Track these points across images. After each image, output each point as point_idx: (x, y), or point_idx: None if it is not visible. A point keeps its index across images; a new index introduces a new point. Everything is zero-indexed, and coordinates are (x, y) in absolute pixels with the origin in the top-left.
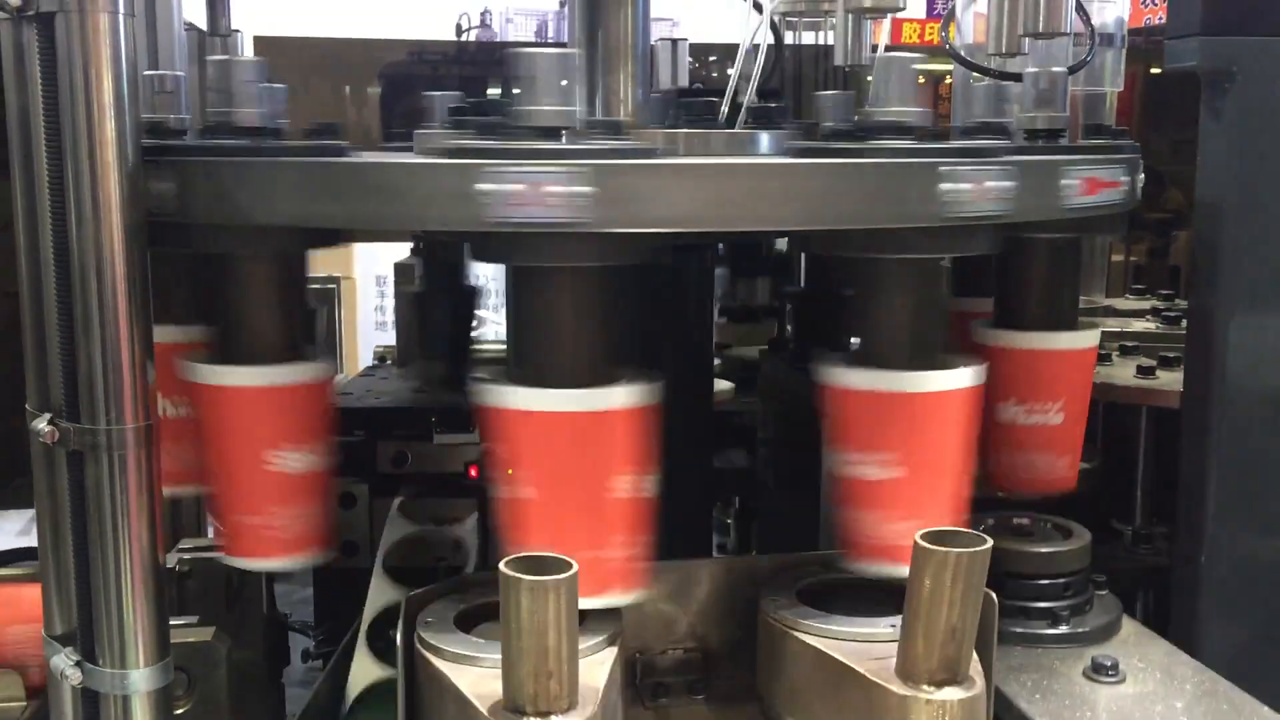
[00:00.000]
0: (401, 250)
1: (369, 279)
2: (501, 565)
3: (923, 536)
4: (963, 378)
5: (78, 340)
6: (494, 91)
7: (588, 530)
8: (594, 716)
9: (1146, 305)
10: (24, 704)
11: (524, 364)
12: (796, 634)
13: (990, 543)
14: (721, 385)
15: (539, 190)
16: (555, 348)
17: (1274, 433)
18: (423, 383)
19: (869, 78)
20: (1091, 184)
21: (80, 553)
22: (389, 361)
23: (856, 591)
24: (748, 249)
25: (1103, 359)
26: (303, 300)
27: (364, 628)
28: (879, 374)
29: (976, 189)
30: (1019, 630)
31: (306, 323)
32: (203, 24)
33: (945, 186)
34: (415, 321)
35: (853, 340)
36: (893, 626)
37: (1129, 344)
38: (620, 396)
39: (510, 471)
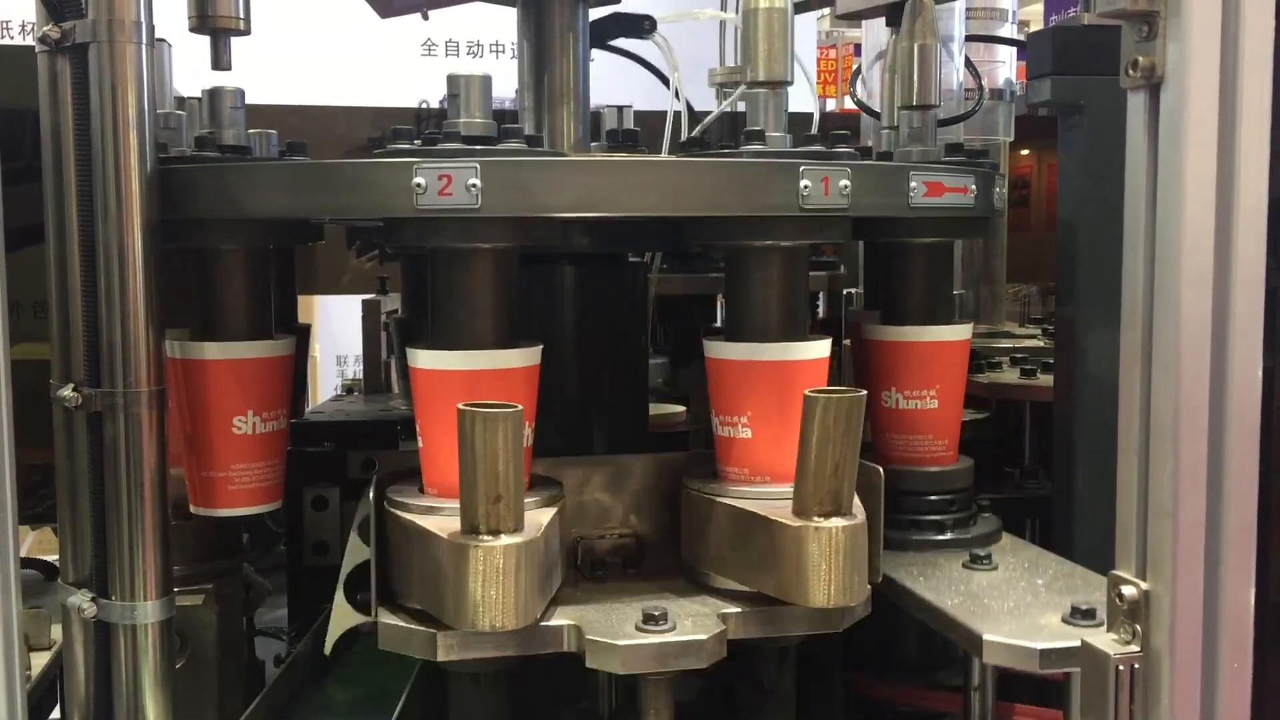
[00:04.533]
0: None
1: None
2: (460, 406)
3: (810, 392)
4: (813, 350)
5: (100, 317)
6: None
7: None
8: (536, 540)
9: (1039, 331)
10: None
11: (438, 331)
12: (714, 499)
13: (865, 393)
14: None
15: (453, 182)
16: (459, 316)
17: None
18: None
19: None
20: (936, 188)
21: (97, 502)
22: (355, 392)
23: None
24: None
25: (995, 366)
26: (267, 290)
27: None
28: (746, 346)
29: (830, 186)
30: (913, 538)
31: (271, 309)
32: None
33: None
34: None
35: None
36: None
37: (1018, 355)
38: (512, 358)
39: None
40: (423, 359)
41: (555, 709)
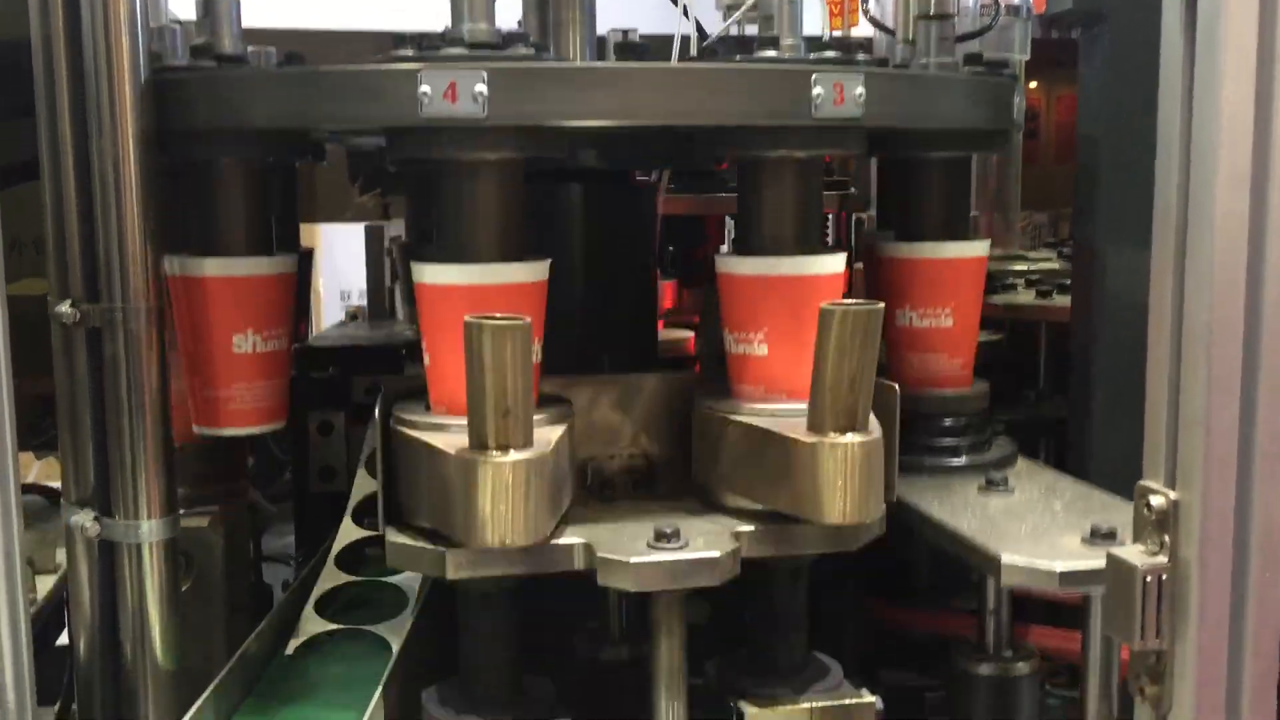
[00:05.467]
0: None
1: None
2: (467, 318)
3: (827, 304)
4: (829, 264)
5: (96, 230)
6: None
7: None
8: (546, 456)
9: (1053, 255)
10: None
11: (443, 246)
12: (727, 417)
13: (882, 305)
14: None
15: (458, 89)
16: (465, 230)
17: (1145, 340)
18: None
19: None
20: (952, 97)
21: (98, 421)
22: (359, 319)
23: None
24: None
25: (1009, 288)
26: (267, 207)
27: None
28: (760, 260)
29: (844, 94)
30: (927, 462)
31: (272, 227)
32: None
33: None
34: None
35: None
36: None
37: (1033, 277)
38: (518, 272)
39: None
40: (428, 273)
41: (564, 630)
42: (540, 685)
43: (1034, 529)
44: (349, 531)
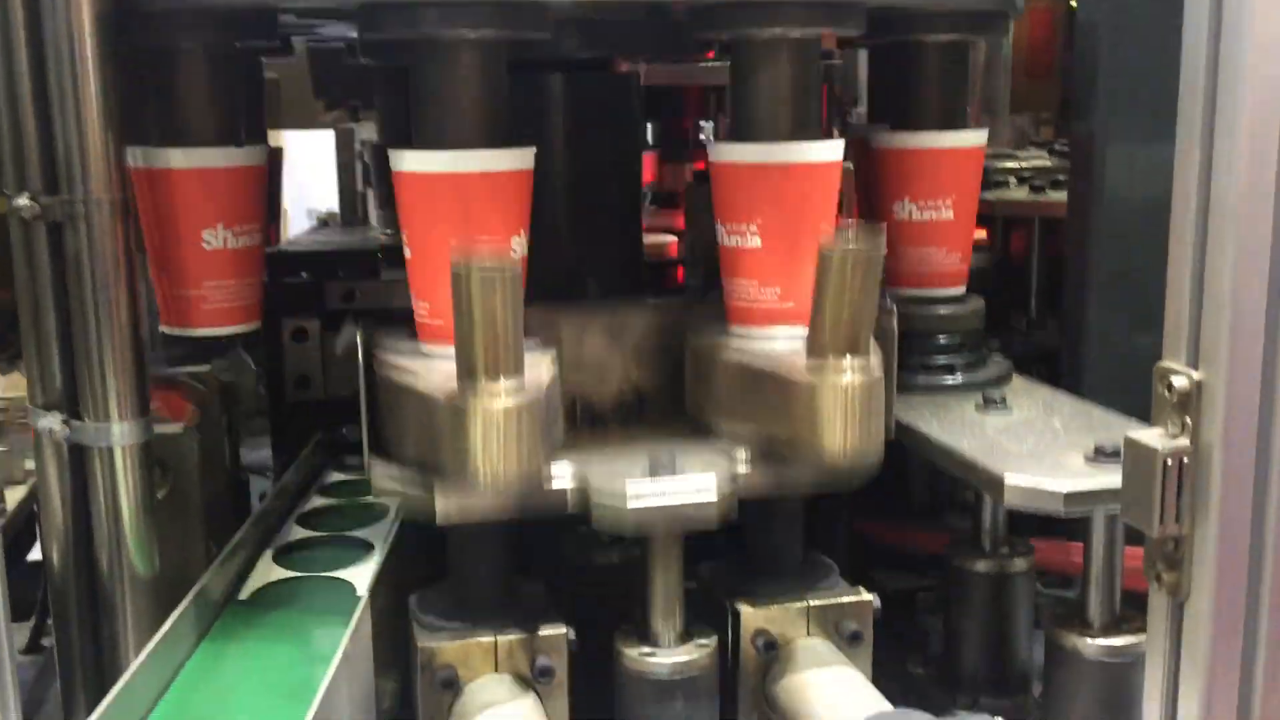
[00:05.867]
0: None
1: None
2: (454, 261)
3: (827, 248)
4: (824, 151)
5: (54, 118)
6: None
7: None
8: (538, 399)
9: (1044, 153)
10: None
11: (423, 133)
12: (722, 352)
13: (884, 243)
14: None
15: None
16: (446, 115)
17: (1145, 238)
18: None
19: None
20: None
21: (63, 319)
22: (331, 225)
23: None
24: None
25: (1000, 185)
26: (233, 96)
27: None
28: (754, 147)
29: None
30: (921, 381)
31: (240, 117)
32: None
33: None
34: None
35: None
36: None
37: (1025, 174)
38: (503, 159)
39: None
40: (408, 161)
41: (554, 534)
42: (531, 589)
43: (1035, 448)
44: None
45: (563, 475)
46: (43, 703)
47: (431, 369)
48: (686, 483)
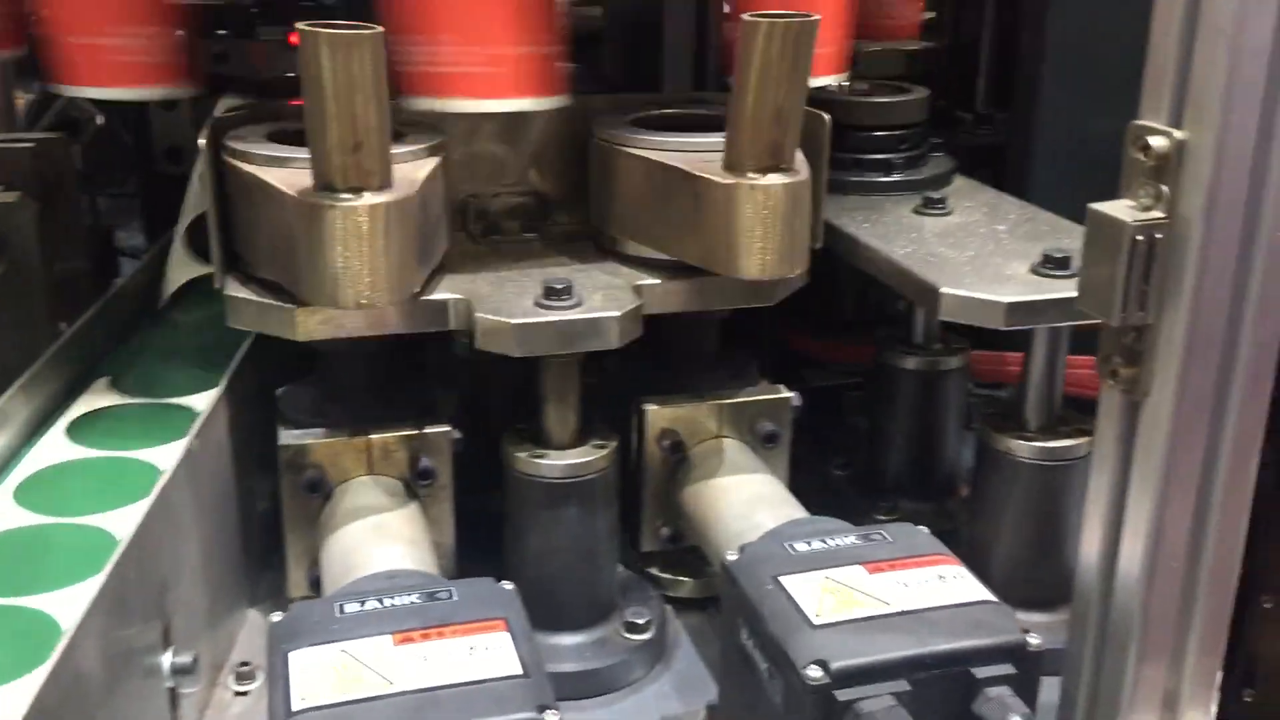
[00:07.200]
0: None
1: None
2: (300, 25)
3: (751, 15)
4: None
5: None
6: None
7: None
8: (409, 198)
9: None
10: None
11: None
12: (628, 150)
13: (817, 17)
14: None
15: None
16: None
17: (1103, 21)
18: None
19: None
20: None
21: None
22: None
23: (683, 120)
24: None
25: None
26: None
27: (182, 227)
28: None
29: None
30: (855, 179)
31: None
32: None
33: None
34: None
35: None
36: (719, 138)
37: None
38: None
39: None
40: None
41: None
42: (413, 383)
43: (976, 256)
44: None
45: (444, 288)
46: None
47: (289, 165)
48: (585, 303)
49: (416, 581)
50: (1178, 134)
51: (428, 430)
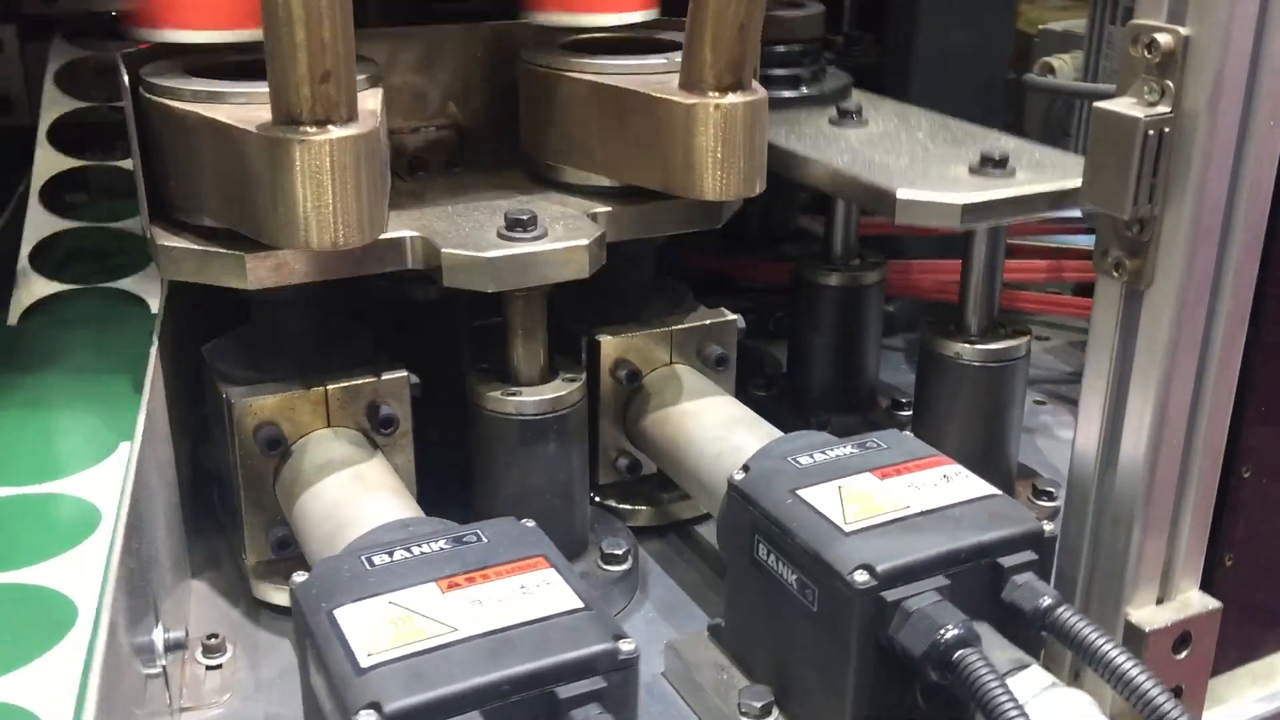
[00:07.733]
0: None
1: None
2: None
3: None
4: None
5: None
6: None
7: None
8: (375, 131)
9: None
10: None
11: None
12: (570, 74)
13: None
14: None
15: None
16: None
17: None
18: None
19: None
20: None
21: None
22: None
23: (617, 43)
24: None
25: None
26: None
27: (36, 187)
28: None
29: None
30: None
31: None
32: None
33: None
34: None
35: None
36: (667, 58)
37: None
38: None
39: None
40: None
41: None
42: (357, 330)
43: (912, 162)
44: (50, 162)
45: (395, 225)
46: None
47: (227, 101)
48: (550, 234)
49: (435, 528)
50: (1182, 30)
51: (385, 376)
